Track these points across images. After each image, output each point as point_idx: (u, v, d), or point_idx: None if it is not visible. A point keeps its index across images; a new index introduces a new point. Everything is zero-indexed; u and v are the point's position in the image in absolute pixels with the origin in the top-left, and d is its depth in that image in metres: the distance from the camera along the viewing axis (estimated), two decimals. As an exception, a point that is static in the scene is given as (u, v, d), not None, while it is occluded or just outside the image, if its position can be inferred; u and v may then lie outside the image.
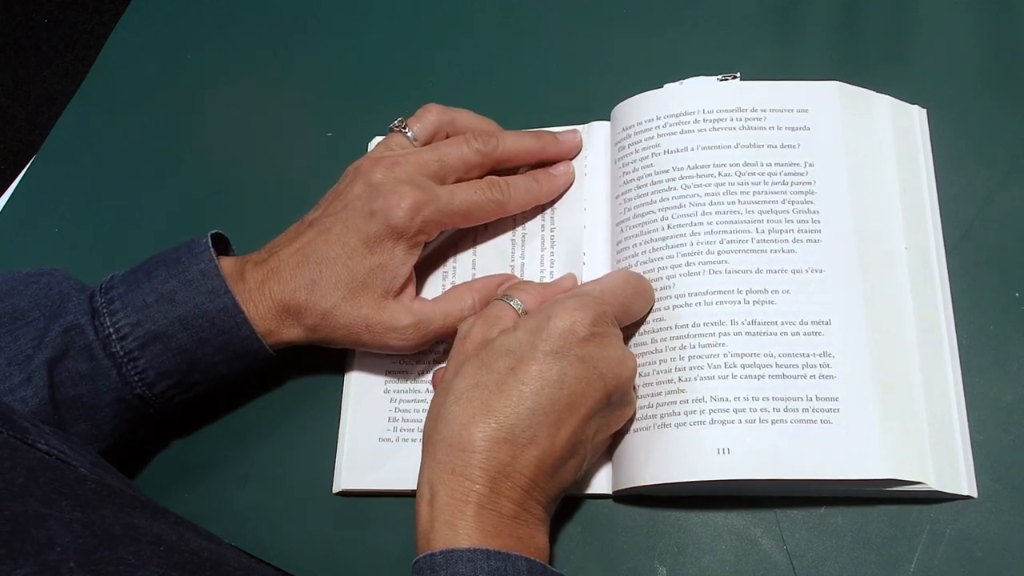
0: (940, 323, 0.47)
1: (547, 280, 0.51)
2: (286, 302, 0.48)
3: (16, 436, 0.39)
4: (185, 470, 0.52)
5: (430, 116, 0.52)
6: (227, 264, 0.49)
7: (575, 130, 0.54)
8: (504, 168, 0.53)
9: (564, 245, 0.52)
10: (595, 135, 0.54)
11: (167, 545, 0.38)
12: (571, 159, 0.54)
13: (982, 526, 0.43)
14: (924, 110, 0.52)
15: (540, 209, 0.53)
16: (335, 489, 0.50)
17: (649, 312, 0.47)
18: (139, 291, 0.47)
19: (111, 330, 0.46)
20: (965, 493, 0.44)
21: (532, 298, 0.46)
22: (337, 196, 0.49)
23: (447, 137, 0.52)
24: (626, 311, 0.46)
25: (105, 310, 0.47)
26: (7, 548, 0.33)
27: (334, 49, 0.64)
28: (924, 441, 0.44)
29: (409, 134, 0.52)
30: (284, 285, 0.48)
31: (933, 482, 0.43)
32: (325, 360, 0.52)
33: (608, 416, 0.44)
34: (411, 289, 0.50)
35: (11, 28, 0.70)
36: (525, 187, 0.52)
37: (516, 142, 0.52)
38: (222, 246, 0.51)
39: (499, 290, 0.50)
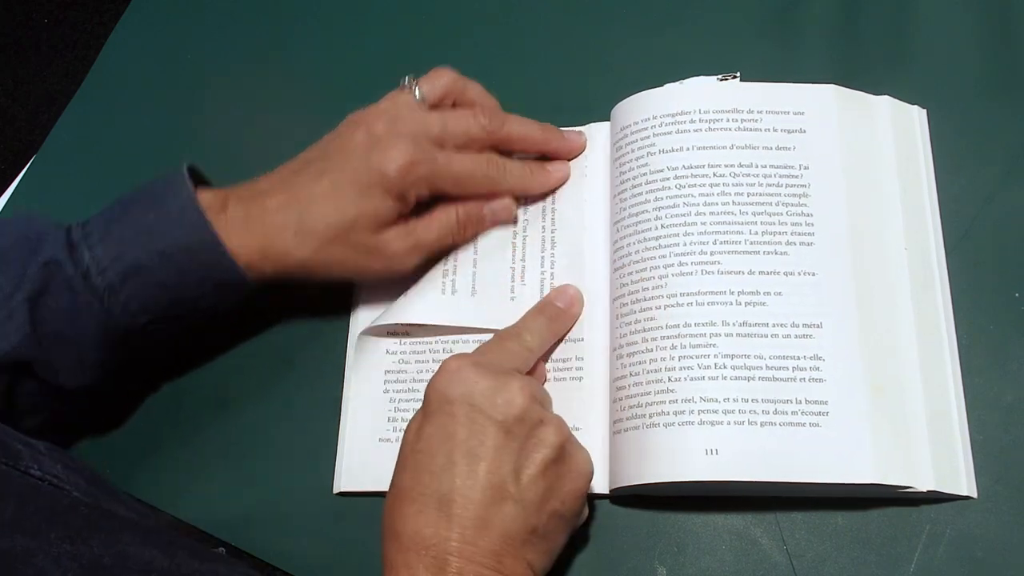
0: (940, 323, 0.47)
1: (547, 281, 0.51)
2: (271, 238, 0.47)
3: (7, 463, 0.39)
4: (185, 471, 0.52)
5: (442, 80, 0.52)
6: (207, 197, 0.48)
7: (581, 131, 0.54)
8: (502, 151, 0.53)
9: (564, 246, 0.52)
10: (595, 136, 0.54)
11: (157, 572, 0.38)
12: (571, 159, 0.54)
13: (982, 526, 0.43)
14: (924, 110, 0.52)
15: (541, 210, 0.53)
16: (335, 490, 0.50)
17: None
18: (117, 225, 0.47)
19: (90, 263, 0.46)
20: (965, 493, 0.44)
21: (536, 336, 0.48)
22: (336, 140, 0.50)
23: (454, 105, 0.52)
24: (534, 334, 0.47)
25: (83, 244, 0.46)
26: None
27: (334, 49, 0.64)
28: (918, 444, 0.44)
29: (417, 94, 0.51)
30: (271, 220, 0.47)
31: (923, 485, 0.43)
32: (326, 360, 0.53)
33: (523, 448, 0.41)
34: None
35: (11, 28, 0.70)
36: (520, 174, 0.52)
37: (521, 128, 0.52)
38: (199, 180, 0.50)
39: (485, 209, 0.51)
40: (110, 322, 0.47)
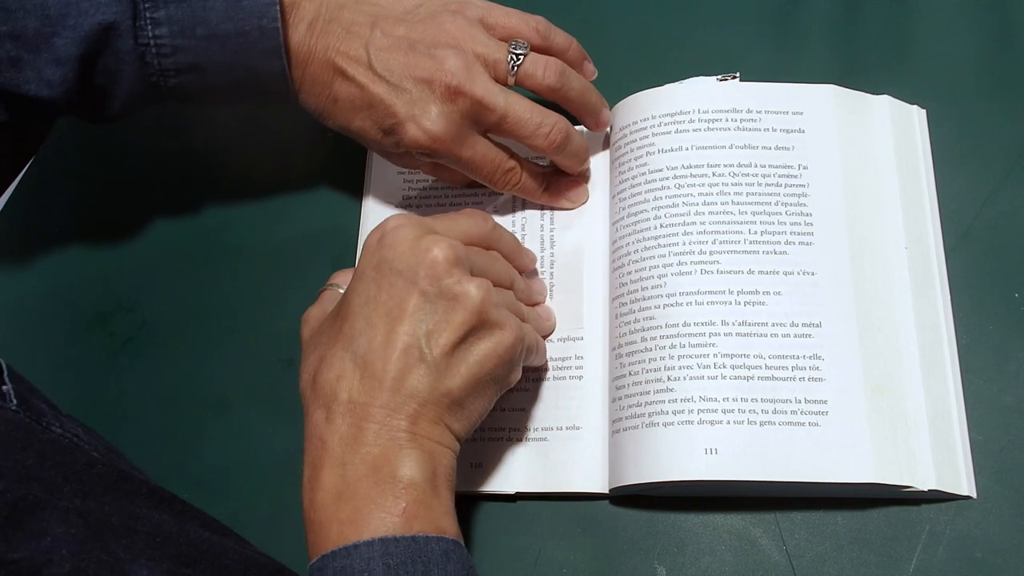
0: (940, 323, 0.47)
1: (546, 279, 0.51)
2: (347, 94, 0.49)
3: (32, 417, 0.39)
4: (185, 471, 0.52)
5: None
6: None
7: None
8: None
9: (563, 245, 0.52)
10: (595, 135, 0.54)
11: (164, 536, 0.38)
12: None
13: (982, 526, 0.43)
14: (924, 110, 0.52)
15: (540, 209, 0.53)
16: (335, 489, 0.50)
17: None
18: (190, 12, 0.47)
19: (151, 42, 0.47)
20: (964, 493, 0.44)
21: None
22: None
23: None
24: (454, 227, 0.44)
25: (149, 17, 0.47)
26: (2, 532, 0.34)
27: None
28: (917, 444, 0.44)
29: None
30: (363, 77, 0.48)
31: (923, 485, 0.43)
32: (325, 360, 0.52)
33: (434, 311, 0.41)
34: None
35: (12, 28, 0.71)
36: (532, 186, 0.52)
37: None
38: None
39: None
40: (152, 94, 0.49)
